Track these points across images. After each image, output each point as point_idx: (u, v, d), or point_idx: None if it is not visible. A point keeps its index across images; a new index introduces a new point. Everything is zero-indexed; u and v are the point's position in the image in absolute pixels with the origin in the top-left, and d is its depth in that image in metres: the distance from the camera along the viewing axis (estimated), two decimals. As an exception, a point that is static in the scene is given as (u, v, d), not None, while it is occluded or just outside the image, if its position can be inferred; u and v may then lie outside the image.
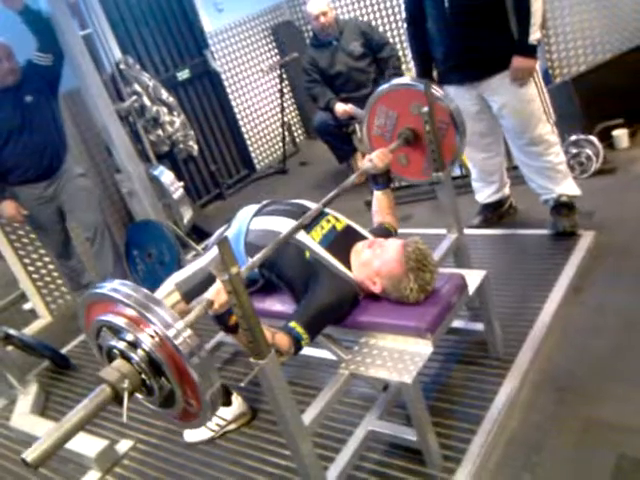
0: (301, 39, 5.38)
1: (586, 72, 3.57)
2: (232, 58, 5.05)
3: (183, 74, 4.62)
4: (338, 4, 4.96)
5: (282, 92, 5.07)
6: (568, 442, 1.71)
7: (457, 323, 2.14)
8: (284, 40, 5.35)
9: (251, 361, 1.38)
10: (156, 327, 1.18)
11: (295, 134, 5.57)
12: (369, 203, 2.29)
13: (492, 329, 2.05)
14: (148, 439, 2.26)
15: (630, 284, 2.30)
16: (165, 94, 4.10)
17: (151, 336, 1.19)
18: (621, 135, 3.37)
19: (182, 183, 3.75)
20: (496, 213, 3.05)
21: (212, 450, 2.09)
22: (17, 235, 3.45)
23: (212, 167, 4.86)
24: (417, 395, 1.63)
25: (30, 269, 3.51)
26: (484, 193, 3.02)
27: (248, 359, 1.39)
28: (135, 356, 1.21)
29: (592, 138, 3.21)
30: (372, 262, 1.77)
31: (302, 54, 4.51)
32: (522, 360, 2.04)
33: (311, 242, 1.81)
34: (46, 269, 3.59)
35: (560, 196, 2.71)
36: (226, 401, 2.11)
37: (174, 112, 4.13)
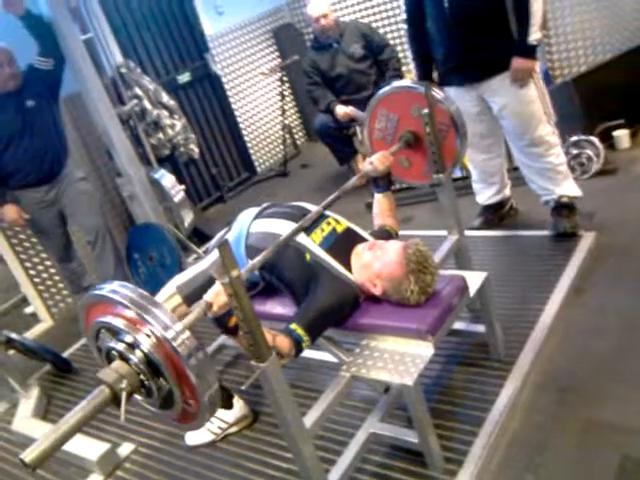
0: (302, 42, 5.37)
1: (587, 72, 3.56)
2: (233, 61, 5.05)
3: (184, 77, 4.62)
4: (338, 6, 4.97)
5: (283, 95, 5.08)
6: (570, 443, 1.71)
7: (458, 325, 2.15)
8: (285, 43, 5.35)
9: (252, 364, 1.39)
10: (154, 328, 1.18)
11: (296, 136, 5.57)
12: (370, 205, 2.29)
13: (493, 331, 2.05)
14: (150, 442, 2.25)
15: (631, 285, 2.30)
16: (166, 97, 4.10)
17: (149, 337, 1.19)
18: (622, 135, 3.37)
19: (183, 186, 3.76)
20: (497, 214, 3.05)
21: (214, 453, 2.09)
22: (18, 239, 3.45)
23: (213, 170, 4.85)
24: (418, 397, 1.63)
25: (31, 273, 3.51)
26: (485, 194, 3.02)
27: (249, 362, 1.39)
28: (133, 357, 1.21)
29: (593, 139, 3.20)
30: (373, 264, 1.77)
31: (303, 57, 4.52)
32: (523, 361, 2.04)
33: (311, 244, 1.81)
34: (47, 273, 3.59)
35: (561, 197, 2.71)
36: (227, 404, 2.11)
37: (175, 115, 4.13)
